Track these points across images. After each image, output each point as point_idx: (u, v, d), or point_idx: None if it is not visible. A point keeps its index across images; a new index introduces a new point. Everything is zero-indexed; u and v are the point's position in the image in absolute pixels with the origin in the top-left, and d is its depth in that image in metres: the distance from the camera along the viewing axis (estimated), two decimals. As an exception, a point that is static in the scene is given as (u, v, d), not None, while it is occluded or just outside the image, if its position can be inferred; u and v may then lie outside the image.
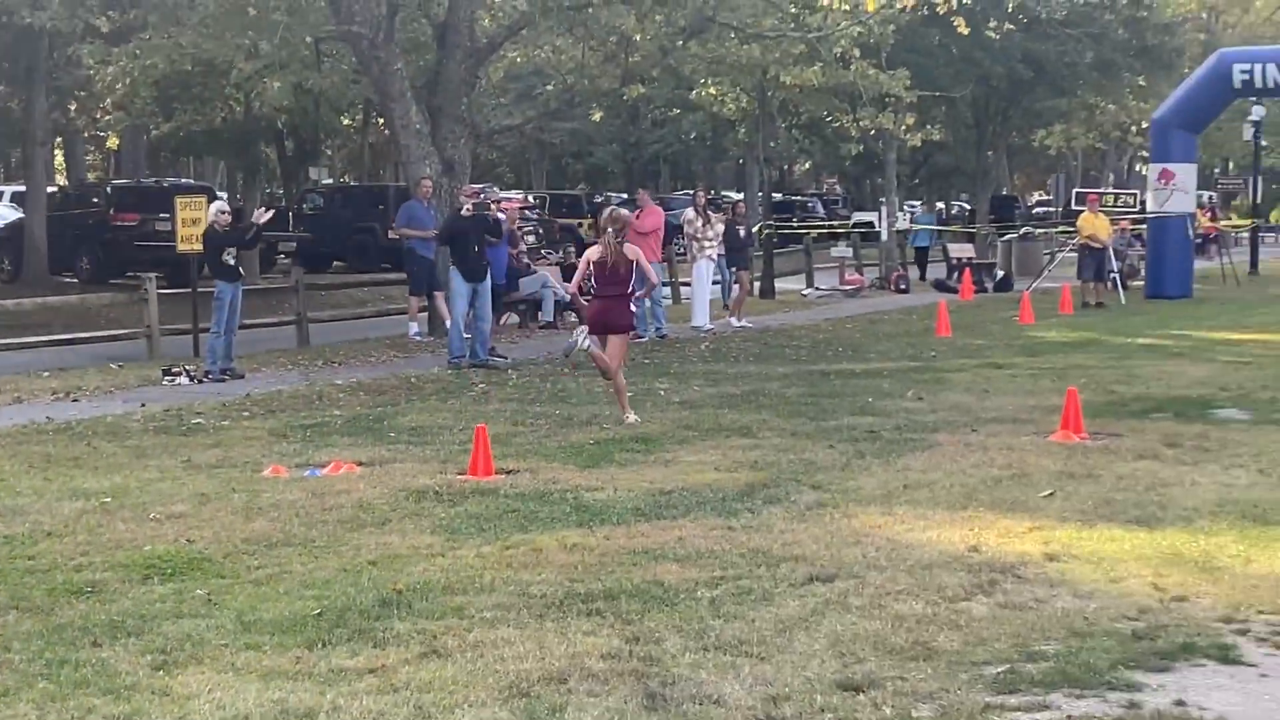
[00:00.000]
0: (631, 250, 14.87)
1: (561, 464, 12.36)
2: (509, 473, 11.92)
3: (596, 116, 37.01)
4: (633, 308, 14.91)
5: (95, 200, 39.04)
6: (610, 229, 14.84)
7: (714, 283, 26.72)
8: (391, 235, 25.05)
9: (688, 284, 28.44)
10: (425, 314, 24.23)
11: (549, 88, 29.18)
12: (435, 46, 25.19)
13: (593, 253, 15.03)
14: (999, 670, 6.81)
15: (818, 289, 35.59)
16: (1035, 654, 7.06)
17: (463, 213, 20.33)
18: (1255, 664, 6.94)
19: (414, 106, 23.89)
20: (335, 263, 42.46)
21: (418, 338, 23.59)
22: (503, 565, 8.89)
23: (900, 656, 7.04)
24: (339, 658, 7.11)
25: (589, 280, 15.13)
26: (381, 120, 43.61)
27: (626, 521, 10.07)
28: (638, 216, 24.47)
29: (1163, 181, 33.14)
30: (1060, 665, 6.85)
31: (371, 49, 23.53)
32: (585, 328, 14.96)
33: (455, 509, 10.58)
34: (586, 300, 15.25)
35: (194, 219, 21.20)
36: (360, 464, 12.43)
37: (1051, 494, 10.82)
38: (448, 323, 22.11)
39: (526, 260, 26.85)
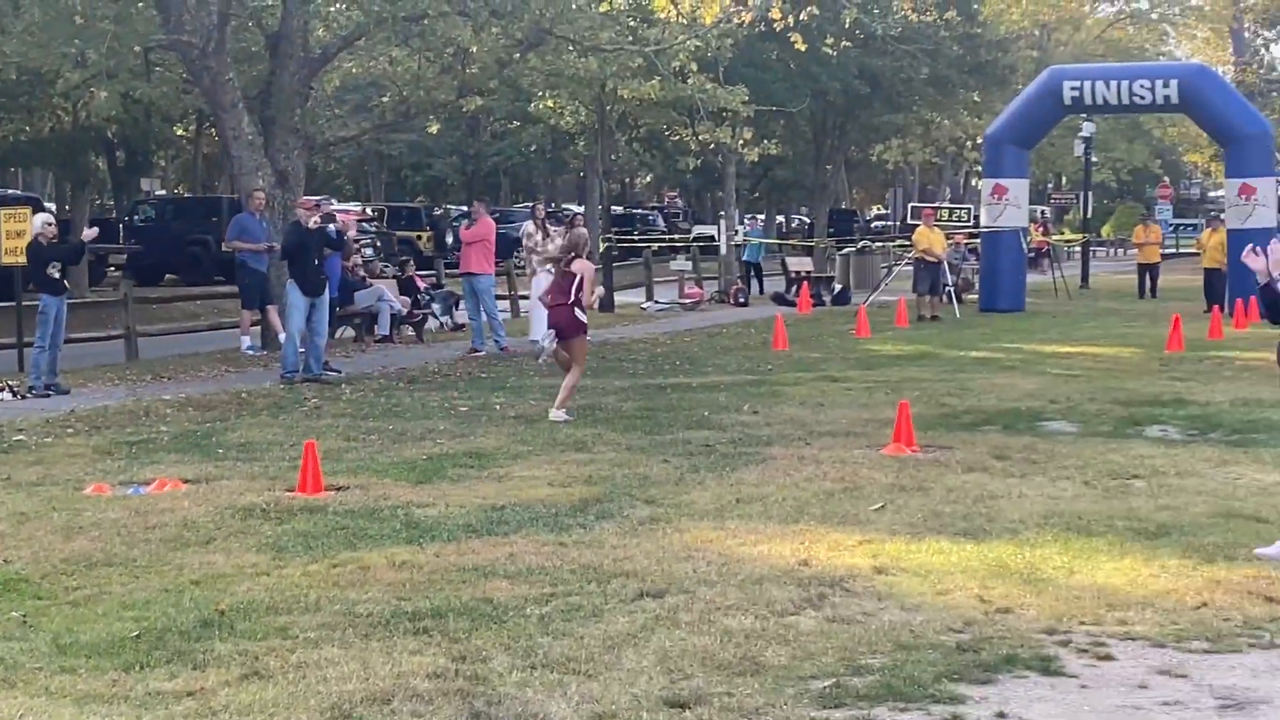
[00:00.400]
0: (580, 265, 16.04)
1: (393, 480, 12.21)
2: (339, 489, 11.75)
3: (434, 129, 36.75)
4: (580, 315, 16.04)
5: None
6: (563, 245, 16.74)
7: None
8: (225, 248, 24.68)
9: (526, 297, 28.31)
10: (258, 328, 23.88)
11: (385, 99, 28.88)
12: (268, 56, 24.83)
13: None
14: (825, 685, 6.81)
15: (657, 302, 35.65)
16: (861, 668, 7.07)
17: (309, 225, 20.01)
18: (1076, 675, 7.01)
19: (246, 117, 23.55)
20: (167, 275, 41.81)
21: (250, 352, 23.23)
22: (329, 584, 8.75)
23: (728, 672, 7.02)
24: (157, 680, 6.94)
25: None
26: (215, 131, 42.98)
27: (457, 538, 9.96)
28: (466, 227, 24.53)
29: (996, 197, 33.66)
30: (885, 679, 6.87)
31: (202, 59, 23.14)
32: (551, 331, 16.23)
33: (282, 527, 10.41)
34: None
35: (18, 231, 20.73)
36: (186, 481, 12.19)
37: (882, 507, 10.88)
38: (281, 336, 21.79)
39: (363, 273, 26.61)
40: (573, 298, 15.88)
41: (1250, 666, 7.08)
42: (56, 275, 18.96)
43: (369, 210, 54.38)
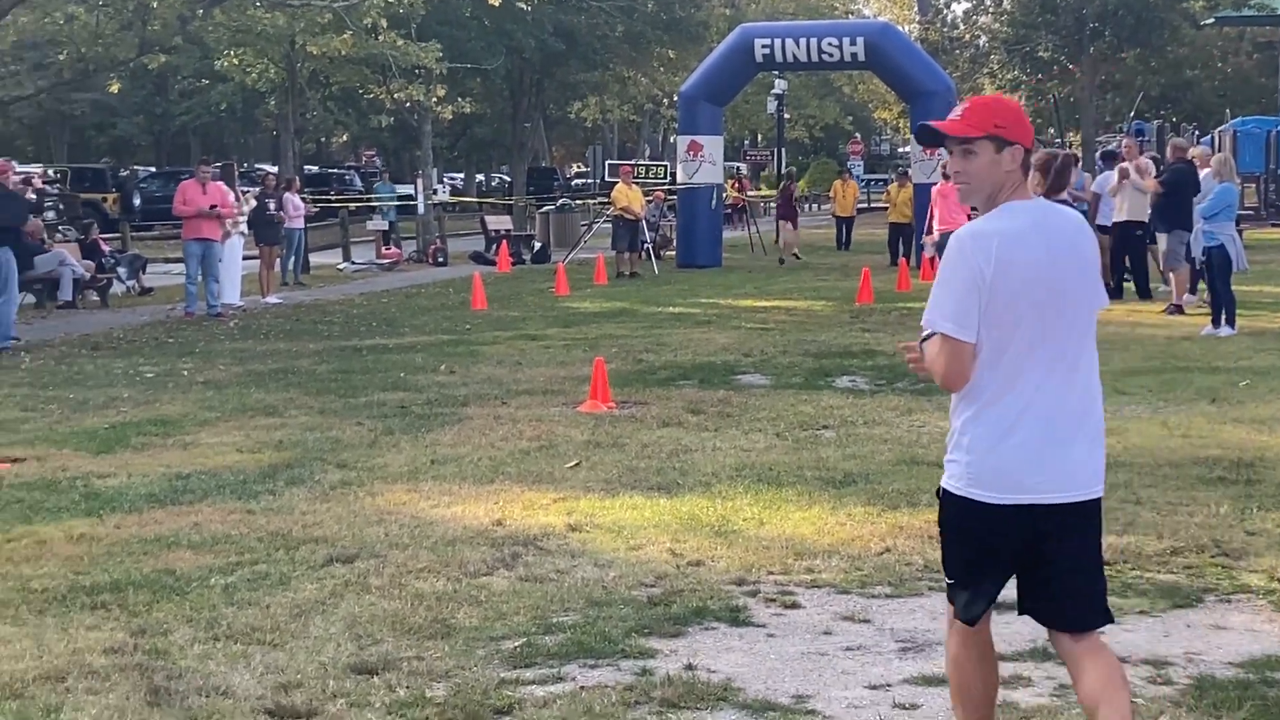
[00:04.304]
0: None
1: (73, 450, 11.77)
2: (14, 461, 11.27)
3: (114, 87, 35.53)
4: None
5: None
6: None
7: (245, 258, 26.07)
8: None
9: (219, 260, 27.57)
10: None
11: (62, 57, 27.83)
12: (-64, 12, 23.75)
13: None
14: (516, 644, 6.74)
15: (354, 263, 35.17)
16: (553, 626, 7.02)
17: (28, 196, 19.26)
18: (763, 624, 7.07)
19: (-88, 75, 22.48)
20: None
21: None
22: (2, 559, 8.37)
23: (418, 636, 6.90)
24: None
25: None
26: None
27: (139, 508, 9.63)
28: (205, 190, 23.25)
29: (691, 154, 33.96)
30: (576, 636, 6.83)
31: None
32: None
33: (-48, 502, 9.94)
34: None
35: None
36: None
37: (577, 464, 10.86)
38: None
39: (43, 237, 25.62)
40: None
41: (930, 609, 7.22)
42: None
43: (51, 172, 52.43)
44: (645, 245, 32.57)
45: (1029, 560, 4.86)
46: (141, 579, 7.90)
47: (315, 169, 64.80)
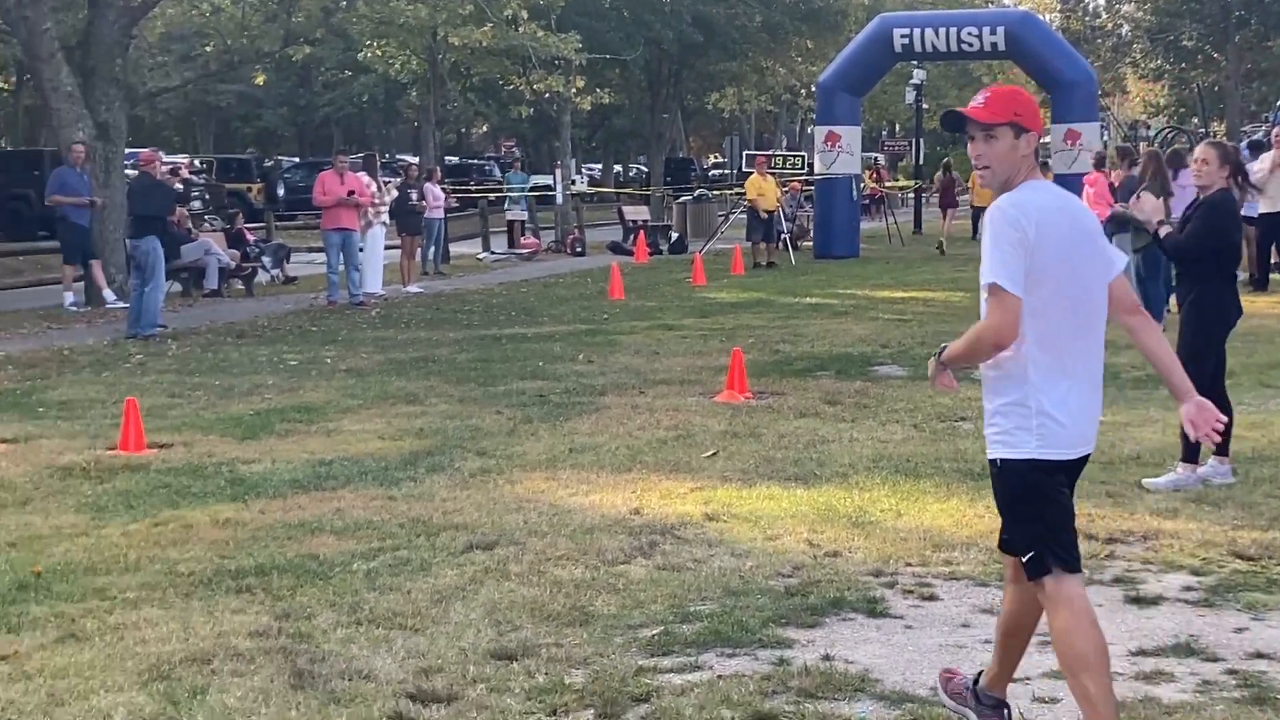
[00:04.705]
0: None
1: (219, 436, 11.98)
2: (162, 447, 11.49)
3: (259, 79, 36.05)
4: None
5: None
6: None
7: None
8: (47, 203, 24.10)
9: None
10: (81, 283, 23.32)
11: (209, 49, 28.31)
12: (87, 5, 24.21)
13: None
14: (653, 633, 6.77)
15: (493, 253, 35.43)
16: (690, 614, 7.04)
17: (176, 186, 19.68)
18: (901, 615, 7.04)
19: (65, 68, 22.96)
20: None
21: (73, 308, 22.70)
22: (150, 543, 8.53)
23: (557, 622, 6.95)
24: (-33, 646, 6.72)
25: None
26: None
27: (283, 494, 9.78)
28: (343, 180, 23.35)
29: (829, 144, 33.82)
30: (714, 625, 6.84)
31: (18, 8, 22.53)
32: None
33: (103, 486, 10.15)
34: None
35: None
36: (4, 441, 11.85)
37: (714, 454, 10.87)
38: (105, 292, 21.38)
39: (189, 226, 26.09)
40: None
41: (1072, 604, 7.13)
42: None
43: (197, 162, 53.36)
44: (782, 236, 32.49)
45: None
46: (285, 563, 8.02)
47: (455, 159, 65.28)
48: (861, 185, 37.31)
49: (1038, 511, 5.17)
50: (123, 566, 8.04)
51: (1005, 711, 5.59)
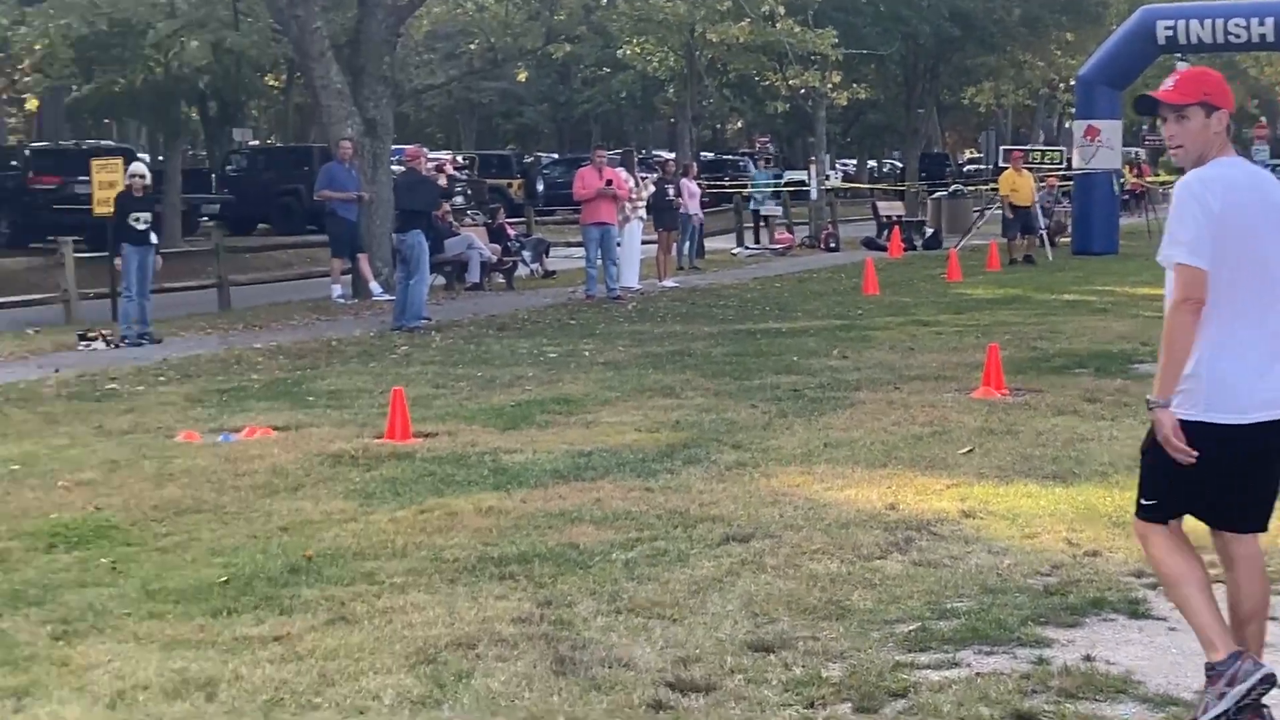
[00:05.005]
0: None
1: (481, 426, 12.24)
2: (427, 436, 11.78)
3: (521, 76, 36.73)
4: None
5: (14, 163, 38.47)
6: None
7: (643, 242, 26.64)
8: (316, 198, 24.86)
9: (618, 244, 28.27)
10: (349, 276, 24.00)
11: (473, 46, 28.91)
12: (356, 4, 24.90)
13: None
14: (910, 628, 6.76)
15: (747, 248, 35.51)
16: (947, 611, 7.02)
17: (440, 182, 20.23)
18: (1164, 618, 6.91)
19: (334, 66, 23.64)
20: (259, 225, 42.09)
21: (341, 300, 23.37)
22: (416, 530, 8.77)
23: (813, 616, 6.98)
24: (243, 626, 6.98)
25: None
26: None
27: (544, 484, 9.96)
28: (601, 176, 23.61)
29: (1088, 138, 33.18)
30: (971, 622, 6.81)
31: (290, 7, 23.25)
32: None
33: (370, 473, 10.45)
34: None
35: (110, 181, 20.93)
36: (276, 429, 12.26)
37: (970, 450, 10.79)
38: (371, 284, 21.95)
39: (451, 220, 26.66)
40: None
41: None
42: (141, 227, 19.11)
43: (460, 158, 54.46)
44: (1040, 231, 32.00)
45: (1242, 470, 5.48)
46: (547, 551, 8.18)
47: (710, 155, 65.53)
48: (1122, 180, 36.51)
49: (1170, 470, 5.50)
50: (390, 552, 8.28)
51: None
